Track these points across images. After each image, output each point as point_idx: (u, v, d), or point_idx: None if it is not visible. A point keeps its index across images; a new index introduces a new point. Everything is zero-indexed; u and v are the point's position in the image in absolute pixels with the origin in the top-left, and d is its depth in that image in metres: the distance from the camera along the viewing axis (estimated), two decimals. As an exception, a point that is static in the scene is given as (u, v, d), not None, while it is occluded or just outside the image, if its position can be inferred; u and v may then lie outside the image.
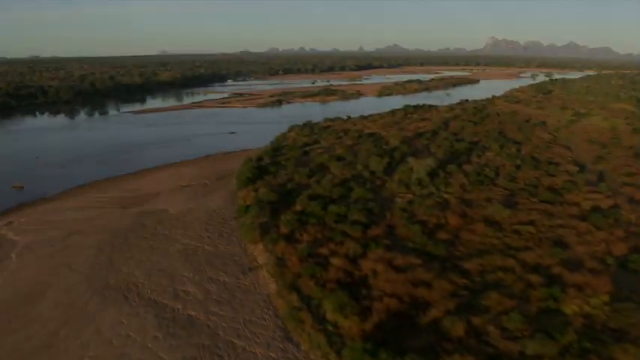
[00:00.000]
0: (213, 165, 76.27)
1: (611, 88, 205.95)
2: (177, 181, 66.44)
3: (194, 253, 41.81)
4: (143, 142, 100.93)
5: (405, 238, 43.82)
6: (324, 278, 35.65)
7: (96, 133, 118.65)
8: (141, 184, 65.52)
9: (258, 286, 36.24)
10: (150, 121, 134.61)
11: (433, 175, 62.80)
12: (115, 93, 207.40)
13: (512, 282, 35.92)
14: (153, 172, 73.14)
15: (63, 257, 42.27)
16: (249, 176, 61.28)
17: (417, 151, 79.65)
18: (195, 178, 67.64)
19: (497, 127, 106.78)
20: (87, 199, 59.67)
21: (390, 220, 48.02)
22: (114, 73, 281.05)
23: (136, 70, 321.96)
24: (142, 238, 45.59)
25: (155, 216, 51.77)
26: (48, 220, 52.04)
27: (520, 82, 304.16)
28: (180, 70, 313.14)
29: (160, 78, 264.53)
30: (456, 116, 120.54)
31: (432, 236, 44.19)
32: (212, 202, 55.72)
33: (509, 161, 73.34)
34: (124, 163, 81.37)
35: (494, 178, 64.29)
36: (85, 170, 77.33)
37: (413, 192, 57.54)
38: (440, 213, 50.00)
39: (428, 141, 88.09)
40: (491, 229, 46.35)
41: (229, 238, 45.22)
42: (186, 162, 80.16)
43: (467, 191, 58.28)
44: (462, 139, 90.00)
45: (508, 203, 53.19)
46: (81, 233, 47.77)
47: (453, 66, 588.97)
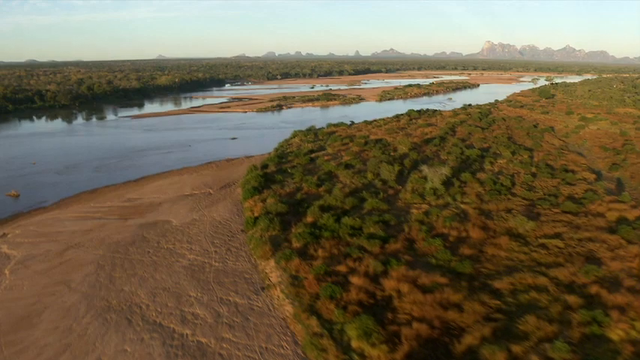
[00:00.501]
0: (216, 172, 73.36)
1: (614, 92, 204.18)
2: (179, 189, 63.53)
3: (201, 270, 38.87)
4: (142, 148, 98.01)
5: (426, 254, 41.03)
6: (344, 300, 32.80)
7: (94, 138, 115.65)
8: (142, 193, 62.56)
9: (273, 308, 33.32)
10: (149, 126, 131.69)
11: (448, 184, 60.15)
12: (112, 97, 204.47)
13: (548, 303, 33.15)
14: (154, 180, 70.21)
15: (60, 274, 39.28)
16: (255, 185, 58.46)
17: (427, 158, 77.04)
18: (198, 186, 64.73)
19: (505, 132, 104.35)
20: (85, 209, 56.68)
21: (409, 233, 45.23)
22: (111, 77, 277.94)
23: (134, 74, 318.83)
24: (144, 253, 42.63)
25: (158, 228, 48.82)
26: (44, 232, 49.03)
27: (520, 86, 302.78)
28: (178, 75, 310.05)
29: (158, 82, 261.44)
30: (462, 121, 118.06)
31: (455, 251, 41.44)
32: (217, 213, 52.81)
33: (523, 169, 70.82)
34: (124, 170, 78.44)
35: (510, 187, 61.68)
36: (83, 177, 74.36)
37: (428, 202, 54.83)
38: (460, 225, 47.28)
39: (436, 147, 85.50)
40: (516, 243, 43.65)
41: (238, 253, 42.29)
42: (187, 169, 77.24)
43: (484, 201, 55.61)
44: (472, 146, 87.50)
45: (530, 215, 50.56)
46: (79, 247, 44.79)
47: (451, 70, 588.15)
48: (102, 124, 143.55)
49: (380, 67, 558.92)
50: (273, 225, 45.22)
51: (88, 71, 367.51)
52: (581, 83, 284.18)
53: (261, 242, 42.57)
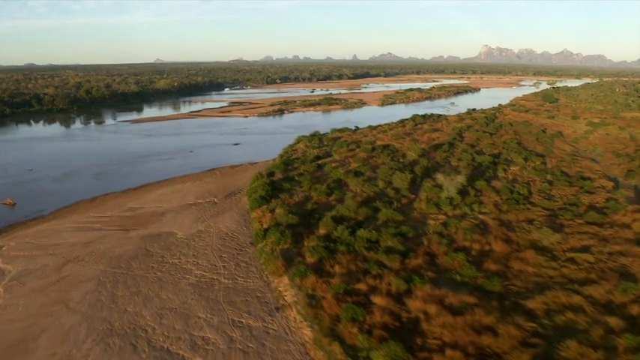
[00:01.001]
0: (220, 180, 70.74)
1: (618, 97, 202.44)
2: (182, 198, 60.88)
3: (210, 288, 36.21)
4: (142, 154, 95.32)
5: (449, 270, 38.48)
6: (368, 322, 30.17)
7: (92, 143, 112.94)
8: (143, 202, 59.89)
9: (290, 331, 30.68)
10: (148, 131, 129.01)
11: (463, 192, 57.67)
12: (111, 101, 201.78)
13: (587, 326, 30.59)
14: (155, 188, 67.54)
15: (58, 292, 36.58)
16: (262, 194, 55.84)
17: (438, 165, 74.59)
18: (202, 195, 62.09)
19: (513, 137, 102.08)
20: (84, 219, 53.99)
21: (428, 246, 42.67)
22: (110, 81, 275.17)
23: (132, 77, 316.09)
24: (148, 269, 39.95)
25: (161, 240, 46.13)
26: (41, 245, 46.32)
27: (521, 90, 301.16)
28: (176, 78, 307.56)
29: (157, 86, 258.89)
30: (468, 127, 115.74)
31: (480, 267, 38.89)
32: (223, 224, 50.16)
33: (538, 176, 68.44)
34: (124, 177, 75.78)
35: (528, 195, 59.23)
36: (82, 184, 71.68)
37: (445, 212, 52.29)
38: (481, 238, 44.75)
39: (446, 153, 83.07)
40: (543, 257, 41.11)
41: (248, 268, 39.65)
42: (190, 176, 74.60)
43: (503, 211, 53.12)
44: (482, 152, 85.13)
45: (553, 226, 48.07)
46: (79, 261, 42.09)
47: (450, 74, 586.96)
48: (100, 128, 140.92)
49: (379, 71, 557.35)
50: (285, 238, 42.62)
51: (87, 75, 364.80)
52: (583, 87, 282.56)
53: (272, 257, 40.02)
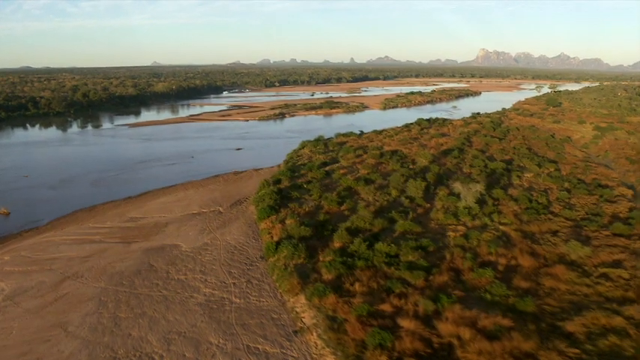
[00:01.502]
0: (224, 187, 67.97)
1: (621, 101, 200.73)
2: (186, 207, 58.09)
3: (221, 309, 33.43)
4: (142, 159, 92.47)
5: (477, 287, 35.82)
6: (397, 349, 27.50)
7: (90, 148, 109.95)
8: (145, 211, 57.07)
9: (312, 359, 27.90)
10: (147, 135, 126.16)
11: (480, 201, 55.09)
12: (108, 104, 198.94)
13: (634, 352, 28.02)
14: (157, 196, 64.73)
15: (56, 314, 33.74)
16: (270, 204, 53.12)
17: (450, 171, 72.02)
18: (206, 203, 59.31)
19: (522, 143, 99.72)
20: (83, 230, 51.15)
21: (452, 261, 40.03)
22: (107, 84, 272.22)
23: (130, 80, 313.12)
24: (152, 286, 37.15)
25: (165, 254, 43.33)
26: (37, 259, 43.49)
27: (522, 94, 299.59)
28: (174, 81, 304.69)
29: (155, 89, 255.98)
30: (475, 131, 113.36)
31: (509, 284, 36.27)
32: (231, 236, 47.38)
33: (555, 184, 65.94)
34: (123, 184, 72.93)
35: (547, 205, 56.70)
36: (80, 192, 68.81)
37: (464, 223, 49.65)
38: (506, 251, 42.18)
39: (457, 159, 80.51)
40: (574, 272, 38.52)
41: (260, 286, 36.89)
42: (193, 183, 71.81)
43: (524, 222, 50.54)
44: (493, 158, 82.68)
45: (579, 238, 45.50)
46: (77, 278, 39.26)
47: (449, 78, 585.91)
48: (98, 132, 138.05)
49: (378, 75, 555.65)
50: (298, 252, 39.90)
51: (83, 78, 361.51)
52: (585, 91, 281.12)
53: (286, 273, 37.30)
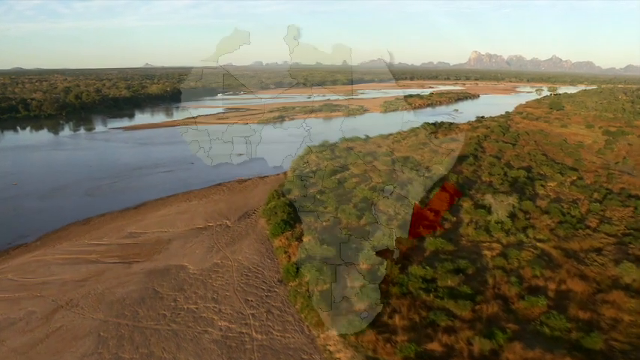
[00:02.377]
0: (229, 197, 63.24)
1: (624, 104, 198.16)
2: (189, 220, 53.31)
3: (240, 347, 28.74)
4: (139, 165, 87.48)
5: (531, 318, 31.43)
6: (458, 405, 23.05)
7: (83, 153, 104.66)
8: (145, 225, 52.21)
9: (356, 416, 23.30)
10: (143, 139, 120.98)
11: (511, 215, 50.81)
12: (101, 107, 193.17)
13: None
14: (157, 207, 59.91)
15: (48, 355, 28.90)
16: (283, 218, 48.50)
17: (469, 180, 67.72)
18: (211, 216, 54.56)
19: (536, 148, 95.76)
20: (77, 248, 46.23)
21: (496, 286, 35.62)
22: (100, 86, 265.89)
23: (123, 82, 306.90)
24: (159, 318, 32.37)
25: (171, 278, 38.55)
26: (26, 283, 38.58)
27: (520, 97, 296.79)
28: (168, 83, 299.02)
29: (149, 91, 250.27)
30: (485, 136, 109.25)
31: (565, 313, 31.90)
32: (242, 255, 42.67)
33: (582, 194, 61.90)
34: (120, 194, 68.00)
35: (581, 218, 52.49)
36: (73, 203, 63.82)
37: (497, 239, 45.30)
38: (552, 274, 37.89)
39: (473, 167, 76.19)
40: (634, 300, 34.26)
41: (283, 317, 32.24)
42: (195, 192, 67.02)
43: (562, 238, 46.26)
44: (511, 165, 78.57)
45: (628, 257, 41.28)
46: (72, 307, 34.41)
47: (444, 80, 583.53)
48: (91, 136, 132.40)
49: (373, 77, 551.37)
50: (324, 276, 35.31)
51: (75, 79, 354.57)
52: (584, 94, 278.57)
53: (311, 302, 32.70)
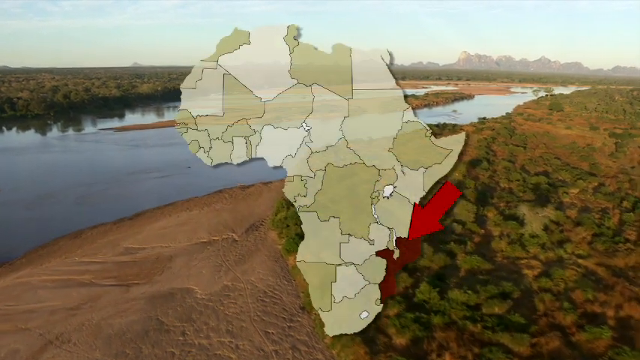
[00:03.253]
0: (233, 206, 58.56)
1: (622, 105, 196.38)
2: (192, 233, 48.58)
3: (265, 397, 24.13)
4: (132, 170, 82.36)
5: (598, 354, 27.26)
6: None
7: (72, 156, 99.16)
8: (143, 240, 47.37)
9: None
10: (136, 141, 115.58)
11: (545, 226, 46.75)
12: (91, 106, 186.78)
13: None
14: (155, 218, 55.10)
15: (33, 406, 24.09)
16: (297, 232, 43.90)
17: (488, 187, 63.72)
18: (215, 228, 49.87)
19: (547, 152, 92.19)
20: (67, 267, 41.34)
21: (549, 314, 31.41)
22: (89, 85, 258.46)
23: (112, 81, 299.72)
24: (166, 357, 27.68)
25: (177, 304, 33.84)
26: (9, 312, 33.71)
27: (516, 98, 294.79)
28: (159, 82, 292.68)
29: (139, 90, 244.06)
30: (493, 138, 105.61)
31: (632, 346, 27.78)
32: (255, 276, 38.07)
33: (609, 202, 58.06)
34: (113, 202, 62.99)
35: (617, 230, 48.55)
36: (62, 212, 58.77)
37: (535, 256, 41.19)
38: (606, 297, 33.79)
39: (488, 172, 72.13)
40: None
41: (312, 355, 27.76)
42: (195, 200, 62.23)
43: (603, 253, 42.28)
44: (526, 170, 74.76)
45: (683, 276, 37.38)
46: (63, 343, 29.61)
47: (436, 80, 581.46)
48: (80, 137, 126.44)
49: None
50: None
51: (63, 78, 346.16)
52: (580, 95, 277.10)
53: (344, 336, 28.17)
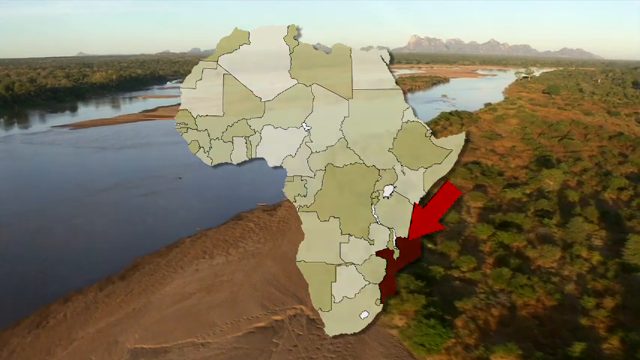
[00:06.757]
0: (272, 245, 40.43)
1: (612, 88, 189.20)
2: (233, 307, 30.39)
3: None
4: (105, 184, 62.05)
5: None
6: None
7: (19, 164, 76.85)
8: (156, 327, 28.73)
9: None
10: (99, 141, 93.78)
11: None
12: (39, 99, 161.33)
13: None
14: (159, 275, 36.23)
15: None
16: (433, 311, 26.83)
17: (600, 202, 48.40)
18: (267, 294, 31.80)
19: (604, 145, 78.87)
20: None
21: None
22: (34, 75, 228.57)
23: (60, 71, 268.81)
24: None
25: None
26: None
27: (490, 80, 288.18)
28: (112, 71, 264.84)
29: (93, 80, 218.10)
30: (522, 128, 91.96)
31: None
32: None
33: None
34: (85, 240, 43.42)
35: None
36: (5, 270, 38.94)
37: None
38: None
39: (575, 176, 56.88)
40: None
41: None
42: (210, 236, 43.53)
43: None
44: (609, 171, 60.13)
45: None
46: None
47: (398, 64, 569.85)
48: (29, 138, 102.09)
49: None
50: None
51: (5, 69, 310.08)
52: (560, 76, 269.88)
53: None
